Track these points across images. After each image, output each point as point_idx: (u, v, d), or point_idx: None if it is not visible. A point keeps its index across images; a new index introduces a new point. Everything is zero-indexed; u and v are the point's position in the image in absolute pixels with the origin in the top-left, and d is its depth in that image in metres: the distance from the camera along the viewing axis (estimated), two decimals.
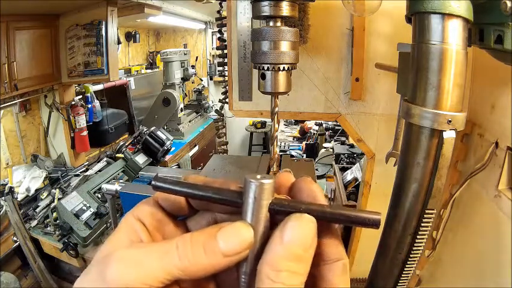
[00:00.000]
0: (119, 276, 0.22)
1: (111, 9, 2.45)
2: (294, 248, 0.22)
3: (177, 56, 3.79)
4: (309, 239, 0.23)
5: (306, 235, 0.23)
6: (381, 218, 0.24)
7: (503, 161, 0.74)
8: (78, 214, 1.96)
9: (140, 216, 0.27)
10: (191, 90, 4.75)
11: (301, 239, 0.23)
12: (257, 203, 0.25)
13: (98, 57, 2.48)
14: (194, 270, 0.23)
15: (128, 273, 0.22)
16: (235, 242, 0.23)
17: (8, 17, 2.04)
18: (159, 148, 2.67)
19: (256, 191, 0.25)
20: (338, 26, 1.13)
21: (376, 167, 1.24)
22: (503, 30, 0.54)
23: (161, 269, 0.22)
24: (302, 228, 0.23)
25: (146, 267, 0.22)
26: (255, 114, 1.27)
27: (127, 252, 0.23)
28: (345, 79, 1.18)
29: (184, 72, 3.92)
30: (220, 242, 0.23)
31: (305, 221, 0.24)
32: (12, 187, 2.24)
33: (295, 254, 0.22)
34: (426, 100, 0.54)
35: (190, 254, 0.23)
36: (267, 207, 0.25)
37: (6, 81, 2.08)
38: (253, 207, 0.25)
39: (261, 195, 0.25)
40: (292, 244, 0.22)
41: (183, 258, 0.23)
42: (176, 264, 0.22)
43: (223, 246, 0.23)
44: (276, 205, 0.25)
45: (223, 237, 0.24)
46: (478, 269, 0.84)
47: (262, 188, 0.25)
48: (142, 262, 0.22)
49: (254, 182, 0.25)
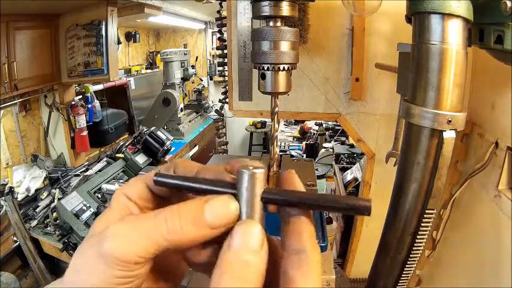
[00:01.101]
0: (113, 250, 0.23)
1: (111, 9, 2.45)
2: (241, 253, 0.23)
3: (177, 56, 3.79)
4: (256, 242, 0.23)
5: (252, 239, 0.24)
6: (371, 204, 0.24)
7: (503, 161, 0.74)
8: (78, 214, 1.96)
9: (130, 194, 0.29)
10: (191, 90, 4.75)
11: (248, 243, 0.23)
12: (250, 192, 0.26)
13: (98, 57, 2.48)
14: (182, 241, 0.24)
15: (121, 247, 0.23)
16: (221, 214, 0.24)
17: (8, 17, 2.04)
18: (159, 148, 2.67)
19: (249, 181, 0.26)
20: (338, 26, 1.13)
21: (376, 167, 1.24)
22: (503, 30, 0.54)
23: (151, 241, 0.23)
24: (249, 232, 0.24)
25: (137, 240, 0.23)
26: (255, 114, 1.27)
27: (119, 227, 0.24)
28: (345, 79, 1.18)
29: (184, 72, 3.92)
30: (207, 214, 0.24)
31: (251, 226, 0.24)
32: (12, 187, 2.25)
33: (243, 259, 0.23)
34: (426, 100, 0.54)
35: (178, 227, 0.24)
36: (260, 196, 0.26)
37: (6, 81, 2.08)
38: (247, 197, 0.26)
39: (254, 184, 0.26)
40: (239, 249, 0.23)
41: (171, 231, 0.24)
42: (165, 236, 0.23)
43: (210, 219, 0.24)
44: (268, 194, 0.26)
45: (209, 210, 0.24)
46: (478, 269, 0.84)
47: (254, 178, 0.26)
48: (134, 235, 0.23)
49: (246, 171, 0.26)
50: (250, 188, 0.26)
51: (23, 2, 2.01)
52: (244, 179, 0.26)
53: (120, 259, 0.22)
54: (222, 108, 1.80)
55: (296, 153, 3.99)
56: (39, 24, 2.35)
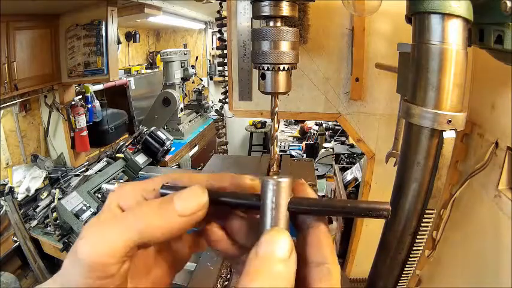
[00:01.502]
0: (87, 253, 0.23)
1: (111, 9, 2.45)
2: (271, 262, 0.23)
3: (177, 56, 3.79)
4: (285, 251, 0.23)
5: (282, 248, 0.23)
6: (389, 207, 0.24)
7: (503, 161, 0.74)
8: (78, 214, 1.96)
9: (124, 205, 0.28)
10: (191, 90, 4.75)
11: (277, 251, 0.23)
12: (276, 202, 0.25)
13: (98, 57, 2.48)
14: (151, 232, 0.24)
15: (93, 249, 0.23)
16: (190, 202, 0.24)
17: (8, 17, 2.04)
18: (159, 148, 2.67)
19: (274, 191, 0.25)
20: (338, 26, 1.13)
21: (376, 167, 1.24)
22: (503, 30, 0.54)
23: (120, 237, 0.23)
24: (278, 240, 0.23)
25: (107, 240, 0.23)
26: (255, 114, 1.27)
27: (92, 229, 0.24)
28: (345, 79, 1.18)
29: (184, 72, 3.92)
30: (176, 203, 0.24)
31: (280, 234, 0.24)
32: (12, 187, 2.25)
33: (272, 267, 0.22)
34: (426, 100, 0.54)
35: (145, 216, 0.24)
36: (286, 206, 0.25)
37: (6, 81, 2.08)
38: (272, 207, 0.25)
39: (279, 194, 0.25)
40: (268, 258, 0.23)
41: (138, 221, 0.24)
42: (132, 228, 0.23)
43: (179, 206, 0.24)
44: (295, 203, 0.25)
45: (178, 198, 0.25)
46: (478, 269, 0.84)
47: (280, 187, 0.25)
48: (104, 237, 0.23)
49: (271, 181, 0.25)
50: (276, 198, 0.25)
51: (23, 2, 2.01)
52: (269, 189, 0.25)
53: (92, 261, 0.23)
54: (222, 108, 1.80)
55: (296, 153, 3.99)
56: (39, 24, 2.35)
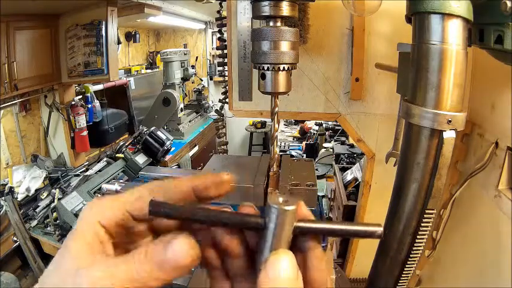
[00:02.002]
0: None
1: (111, 9, 2.45)
2: (281, 283, 0.24)
3: (177, 56, 3.79)
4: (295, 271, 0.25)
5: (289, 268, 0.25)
6: (382, 229, 0.26)
7: (503, 161, 0.74)
8: (78, 214, 1.96)
9: (106, 223, 0.27)
10: (191, 90, 4.74)
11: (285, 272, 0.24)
12: (280, 228, 0.25)
13: (98, 57, 2.48)
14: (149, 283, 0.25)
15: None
16: (184, 259, 0.25)
17: (8, 17, 2.04)
18: (159, 148, 2.67)
19: (279, 217, 0.25)
20: (338, 26, 1.13)
21: (376, 167, 1.24)
22: (503, 30, 0.54)
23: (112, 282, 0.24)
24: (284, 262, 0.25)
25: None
26: (255, 114, 1.27)
27: (93, 274, 0.25)
28: (345, 79, 1.18)
29: (184, 72, 3.92)
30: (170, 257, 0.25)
31: (286, 255, 0.25)
32: (12, 187, 2.25)
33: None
34: (426, 100, 0.54)
35: (147, 273, 0.25)
36: (290, 231, 0.26)
37: (6, 81, 2.08)
38: (276, 233, 0.25)
39: (284, 221, 0.25)
40: (278, 279, 0.24)
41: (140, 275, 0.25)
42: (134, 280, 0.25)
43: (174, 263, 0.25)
44: (301, 228, 0.26)
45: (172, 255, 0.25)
46: (478, 269, 0.84)
47: (285, 215, 0.25)
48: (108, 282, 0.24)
49: (277, 208, 0.25)
50: (283, 224, 0.25)
51: (23, 2, 2.01)
52: (274, 215, 0.25)
53: None
54: (222, 108, 1.80)
55: (296, 153, 3.99)
56: (39, 24, 2.35)
